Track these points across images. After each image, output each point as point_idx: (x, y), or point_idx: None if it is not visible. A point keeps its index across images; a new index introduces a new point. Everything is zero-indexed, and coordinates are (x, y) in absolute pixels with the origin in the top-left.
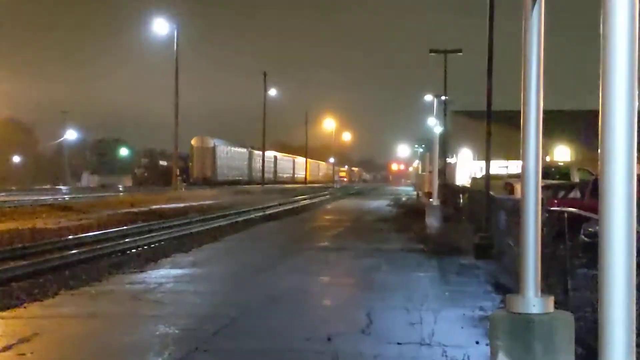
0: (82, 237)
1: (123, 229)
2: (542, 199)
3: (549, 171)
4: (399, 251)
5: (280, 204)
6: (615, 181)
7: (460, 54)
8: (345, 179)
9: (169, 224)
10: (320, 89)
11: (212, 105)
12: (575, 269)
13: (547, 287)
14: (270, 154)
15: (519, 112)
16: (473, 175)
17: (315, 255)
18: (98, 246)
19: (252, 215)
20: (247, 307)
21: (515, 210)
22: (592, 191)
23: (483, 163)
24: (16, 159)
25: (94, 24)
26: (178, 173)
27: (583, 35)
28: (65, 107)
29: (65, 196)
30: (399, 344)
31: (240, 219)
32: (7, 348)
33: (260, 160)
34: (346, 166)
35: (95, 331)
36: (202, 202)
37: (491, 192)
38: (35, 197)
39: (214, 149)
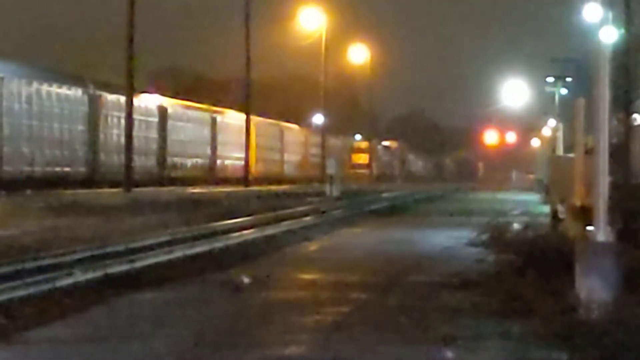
0: None
1: None
2: None
3: None
4: None
5: (175, 241)
6: None
7: None
8: (364, 171)
9: None
10: None
11: None
12: None
13: None
14: (150, 101)
15: None
16: None
17: None
18: None
19: (96, 274)
20: None
21: None
22: None
23: None
24: None
25: None
26: None
27: None
28: None
29: None
30: None
31: (64, 282)
32: None
33: (121, 120)
34: (358, 136)
35: None
36: None
37: None
38: None
39: None
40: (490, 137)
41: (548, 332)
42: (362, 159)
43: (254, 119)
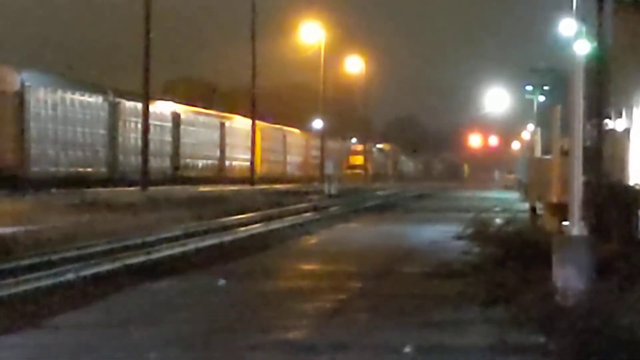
0: None
1: None
2: None
3: None
4: (488, 353)
5: (187, 235)
6: None
7: None
8: (360, 171)
9: None
10: None
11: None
12: None
13: None
14: (164, 108)
15: None
16: None
17: None
18: None
19: (116, 265)
20: None
21: None
22: None
23: None
24: None
25: None
26: None
27: None
28: None
29: None
30: None
31: (87, 272)
32: None
33: (138, 125)
34: (354, 140)
35: None
36: None
37: None
38: None
39: (22, 95)
40: (475, 140)
41: (527, 318)
42: (358, 160)
43: (259, 124)
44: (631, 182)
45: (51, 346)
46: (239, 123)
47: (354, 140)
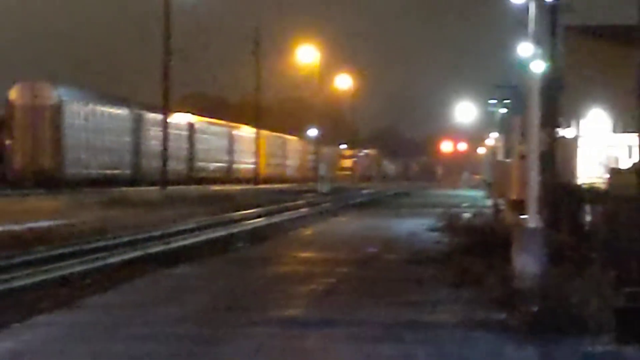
0: None
1: None
2: None
3: None
4: (457, 328)
5: (200, 228)
6: None
7: None
8: (349, 173)
9: None
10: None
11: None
12: None
13: None
14: (181, 119)
15: None
16: (613, 166)
17: (274, 338)
18: None
19: (138, 253)
20: None
21: None
22: None
23: (634, 139)
24: None
25: None
26: None
27: None
28: None
29: None
30: None
31: (113, 260)
32: None
33: (158, 134)
34: (344, 145)
35: None
36: (26, 225)
37: None
38: None
39: (58, 108)
40: (446, 146)
41: (491, 298)
42: (347, 163)
43: (263, 132)
44: (579, 182)
45: (84, 324)
46: (245, 132)
47: (343, 146)
